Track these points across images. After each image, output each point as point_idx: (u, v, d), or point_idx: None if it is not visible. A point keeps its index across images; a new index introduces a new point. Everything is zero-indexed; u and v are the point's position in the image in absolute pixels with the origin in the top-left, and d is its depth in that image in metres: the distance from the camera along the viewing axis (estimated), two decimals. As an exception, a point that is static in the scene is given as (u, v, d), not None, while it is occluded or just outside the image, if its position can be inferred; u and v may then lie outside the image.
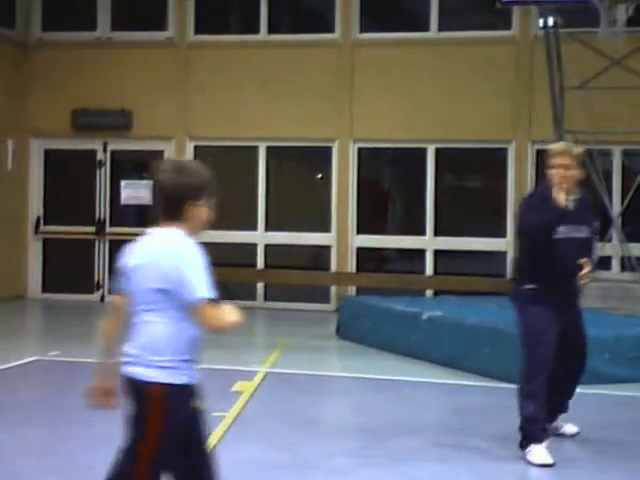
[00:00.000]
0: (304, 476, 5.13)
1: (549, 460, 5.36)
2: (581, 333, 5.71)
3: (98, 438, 5.51)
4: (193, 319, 3.09)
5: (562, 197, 5.40)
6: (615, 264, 12.26)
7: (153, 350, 3.13)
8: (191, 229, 3.20)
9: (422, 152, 13.50)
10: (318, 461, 5.41)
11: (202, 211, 3.20)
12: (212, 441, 5.60)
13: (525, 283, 5.56)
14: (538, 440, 5.44)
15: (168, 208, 3.16)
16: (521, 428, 5.50)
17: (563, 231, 5.45)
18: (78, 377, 7.80)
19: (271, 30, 13.92)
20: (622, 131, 11.69)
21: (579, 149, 5.55)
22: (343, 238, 13.57)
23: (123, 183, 13.96)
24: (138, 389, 3.13)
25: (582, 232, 5.55)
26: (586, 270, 5.43)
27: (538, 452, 5.40)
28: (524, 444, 5.47)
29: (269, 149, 13.91)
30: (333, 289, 13.64)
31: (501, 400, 7.29)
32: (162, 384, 3.11)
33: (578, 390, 5.99)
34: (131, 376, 3.15)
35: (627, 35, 10.48)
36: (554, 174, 5.45)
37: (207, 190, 3.21)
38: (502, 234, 13.16)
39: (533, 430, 5.45)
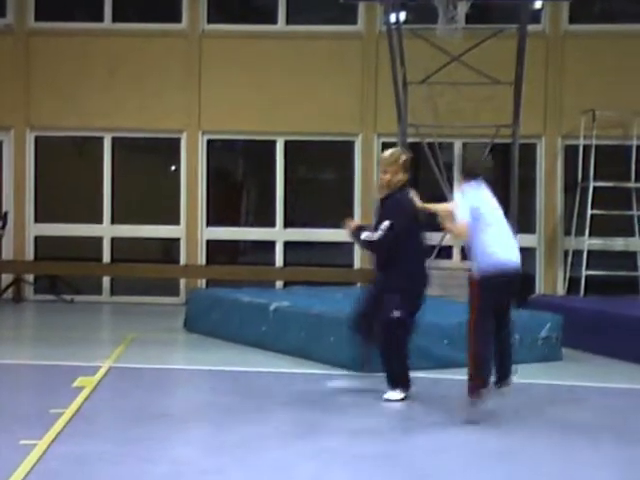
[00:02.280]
0: (146, 469, 5.04)
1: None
2: None
3: None
4: None
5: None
6: (456, 253, 12.67)
7: None
8: None
9: (272, 144, 13.54)
10: (161, 453, 5.34)
11: None
12: (50, 437, 5.49)
13: None
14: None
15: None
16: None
17: None
18: None
19: (117, 18, 13.62)
20: (462, 125, 12.08)
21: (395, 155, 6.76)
22: (192, 230, 13.45)
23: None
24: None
25: None
26: None
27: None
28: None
29: (115, 140, 13.62)
30: (182, 282, 13.50)
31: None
32: None
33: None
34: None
35: (465, 32, 10.81)
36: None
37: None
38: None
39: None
